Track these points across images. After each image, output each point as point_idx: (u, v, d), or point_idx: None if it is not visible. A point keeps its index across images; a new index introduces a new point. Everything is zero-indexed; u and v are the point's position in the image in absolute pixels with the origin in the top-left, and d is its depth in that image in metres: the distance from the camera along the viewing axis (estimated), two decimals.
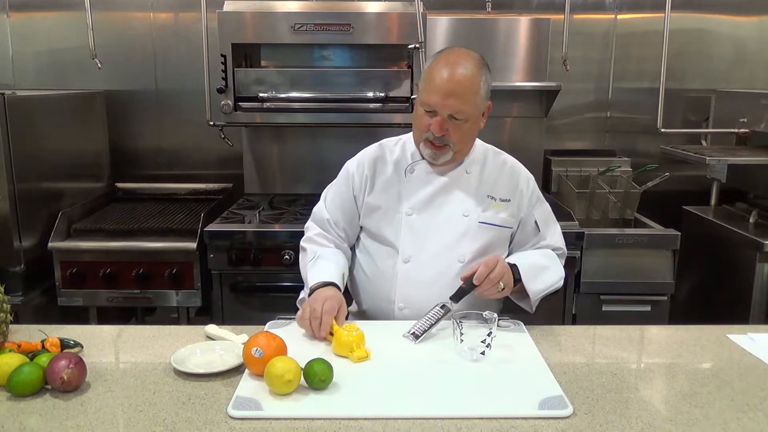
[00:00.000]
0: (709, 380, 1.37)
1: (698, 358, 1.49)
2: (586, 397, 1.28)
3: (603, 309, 2.64)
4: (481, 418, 1.18)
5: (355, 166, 1.83)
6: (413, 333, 1.54)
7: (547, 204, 1.88)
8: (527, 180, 1.82)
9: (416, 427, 1.16)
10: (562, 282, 1.80)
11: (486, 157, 1.81)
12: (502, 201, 1.77)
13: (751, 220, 2.81)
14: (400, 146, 1.83)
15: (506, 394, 1.28)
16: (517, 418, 1.19)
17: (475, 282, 1.57)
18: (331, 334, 1.48)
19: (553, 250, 1.84)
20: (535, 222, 1.81)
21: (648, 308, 2.64)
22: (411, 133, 1.80)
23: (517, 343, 1.53)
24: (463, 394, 1.28)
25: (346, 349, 1.41)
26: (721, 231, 2.83)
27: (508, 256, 1.80)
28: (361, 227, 1.84)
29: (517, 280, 1.66)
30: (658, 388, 1.34)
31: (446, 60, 1.65)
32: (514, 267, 1.66)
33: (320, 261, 1.76)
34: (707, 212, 3.05)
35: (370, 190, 1.79)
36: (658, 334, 1.66)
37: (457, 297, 1.60)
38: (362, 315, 1.85)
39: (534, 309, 1.76)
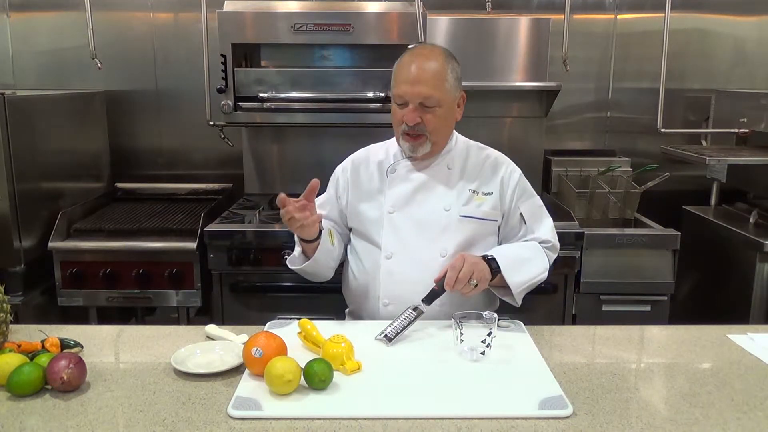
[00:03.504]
0: (709, 380, 1.37)
1: (698, 358, 1.49)
2: (586, 397, 1.28)
3: (603, 309, 2.64)
4: (481, 418, 1.18)
5: (341, 169, 1.91)
6: (386, 335, 1.53)
7: (538, 198, 1.87)
8: (510, 172, 1.82)
9: (416, 427, 1.16)
10: (546, 274, 1.77)
11: (468, 152, 1.83)
12: (485, 194, 1.78)
13: (751, 220, 2.81)
14: (384, 149, 1.88)
15: (506, 394, 1.28)
16: (517, 418, 1.19)
17: (446, 287, 1.59)
18: (318, 345, 1.44)
19: (541, 243, 1.82)
20: (521, 215, 1.81)
21: (648, 308, 2.64)
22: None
23: (517, 343, 1.53)
24: (463, 394, 1.28)
25: (336, 362, 1.35)
26: (721, 231, 2.83)
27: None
28: (350, 229, 1.88)
29: (498, 271, 1.66)
30: (658, 388, 1.34)
31: (412, 54, 1.73)
32: (492, 260, 1.66)
33: None
34: (707, 212, 3.05)
35: (354, 192, 1.85)
36: (658, 334, 1.66)
37: (429, 299, 1.62)
38: (351, 315, 1.91)
39: (519, 303, 1.75)
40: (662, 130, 3.01)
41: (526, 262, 1.73)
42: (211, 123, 2.85)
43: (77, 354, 1.38)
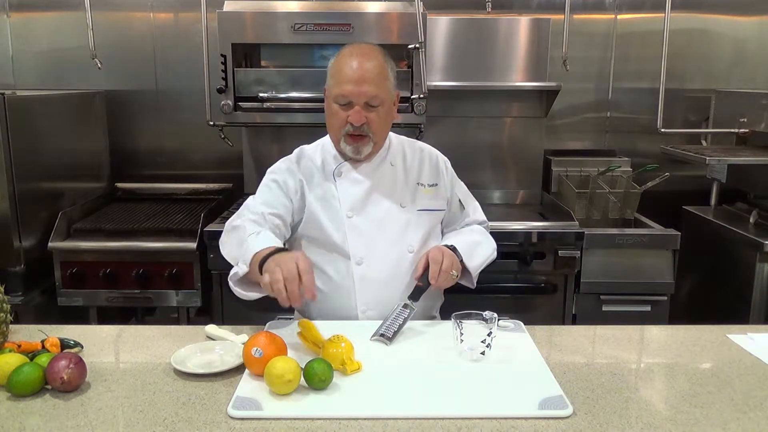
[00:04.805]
0: (709, 380, 1.37)
1: (698, 358, 1.49)
2: (586, 397, 1.28)
3: (603, 309, 2.64)
4: (481, 418, 1.18)
5: (287, 171, 1.78)
6: (382, 334, 1.53)
7: (461, 182, 1.94)
8: (444, 162, 1.89)
9: (416, 427, 1.16)
10: (495, 253, 1.88)
11: (404, 147, 1.86)
12: (431, 186, 1.82)
13: (751, 220, 2.81)
14: (320, 151, 1.82)
15: (506, 394, 1.28)
16: (517, 418, 1.19)
17: (431, 282, 1.63)
18: (318, 345, 1.42)
19: (479, 224, 1.93)
20: (459, 200, 1.88)
21: (648, 308, 2.64)
22: (327, 136, 1.81)
23: (517, 343, 1.53)
24: (463, 394, 1.28)
25: (336, 362, 1.34)
26: (721, 231, 2.83)
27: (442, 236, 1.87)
28: (302, 237, 1.78)
29: (460, 260, 1.72)
30: (658, 388, 1.34)
31: (350, 52, 1.69)
32: (453, 248, 1.72)
33: (265, 234, 1.61)
34: (707, 212, 3.06)
35: (310, 196, 1.75)
36: (658, 334, 1.66)
37: (415, 296, 1.65)
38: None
39: (475, 284, 1.81)
40: (662, 130, 3.01)
41: (478, 246, 1.82)
42: (211, 123, 2.85)
43: (77, 354, 1.38)
